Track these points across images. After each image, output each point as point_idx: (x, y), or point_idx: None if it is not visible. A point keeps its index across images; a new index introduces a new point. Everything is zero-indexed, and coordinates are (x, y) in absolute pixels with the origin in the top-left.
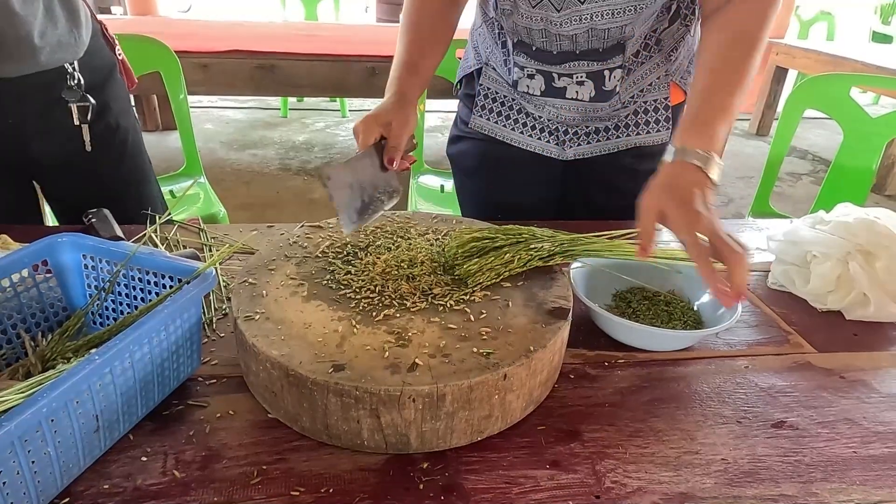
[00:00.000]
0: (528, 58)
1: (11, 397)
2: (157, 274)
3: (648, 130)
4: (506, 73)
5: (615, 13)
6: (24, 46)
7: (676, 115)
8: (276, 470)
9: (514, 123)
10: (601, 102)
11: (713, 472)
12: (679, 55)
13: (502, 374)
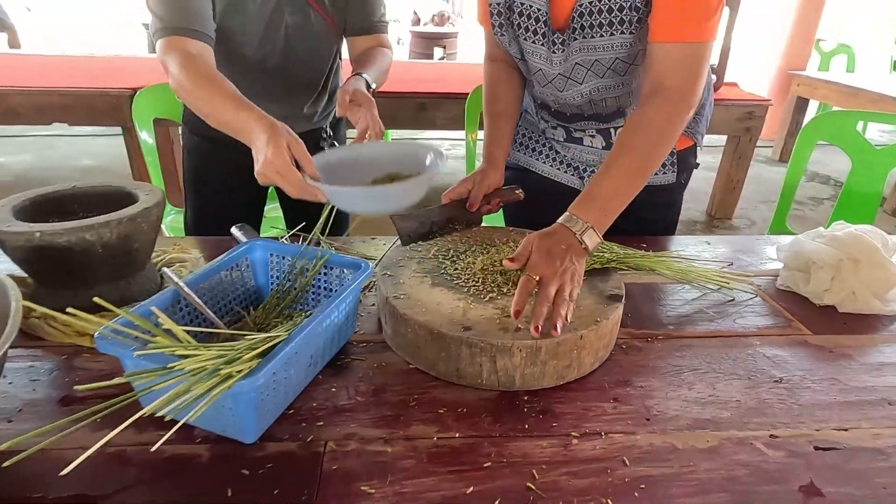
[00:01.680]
0: (549, 115)
1: (280, 335)
2: (326, 266)
3: (656, 173)
4: (537, 122)
5: (608, 89)
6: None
7: (682, 159)
8: (425, 397)
9: (544, 158)
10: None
11: (729, 409)
12: None
13: (579, 335)
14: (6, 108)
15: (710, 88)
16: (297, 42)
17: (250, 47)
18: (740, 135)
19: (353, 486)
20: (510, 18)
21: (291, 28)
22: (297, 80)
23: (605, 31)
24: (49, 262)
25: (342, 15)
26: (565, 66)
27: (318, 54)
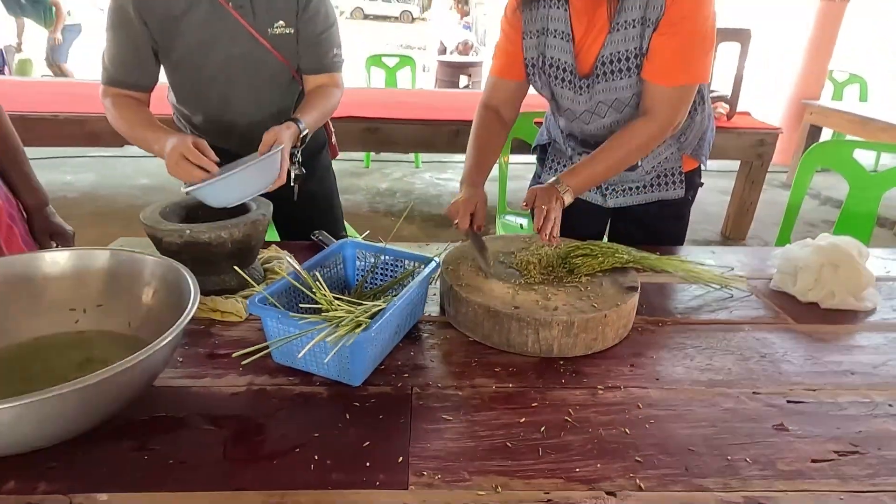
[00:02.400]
0: (576, 143)
1: (380, 304)
2: (398, 259)
3: (667, 189)
4: (564, 149)
5: (626, 120)
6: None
7: (689, 179)
8: (483, 360)
9: None
10: (629, 172)
11: (722, 374)
12: (688, 137)
13: (603, 315)
14: (89, 132)
15: (711, 117)
16: (245, 72)
17: (204, 76)
18: (752, 160)
19: (436, 415)
20: (543, 69)
21: (238, 60)
22: (255, 108)
23: (625, 74)
24: (192, 254)
25: (292, 50)
26: (590, 104)
27: (275, 91)
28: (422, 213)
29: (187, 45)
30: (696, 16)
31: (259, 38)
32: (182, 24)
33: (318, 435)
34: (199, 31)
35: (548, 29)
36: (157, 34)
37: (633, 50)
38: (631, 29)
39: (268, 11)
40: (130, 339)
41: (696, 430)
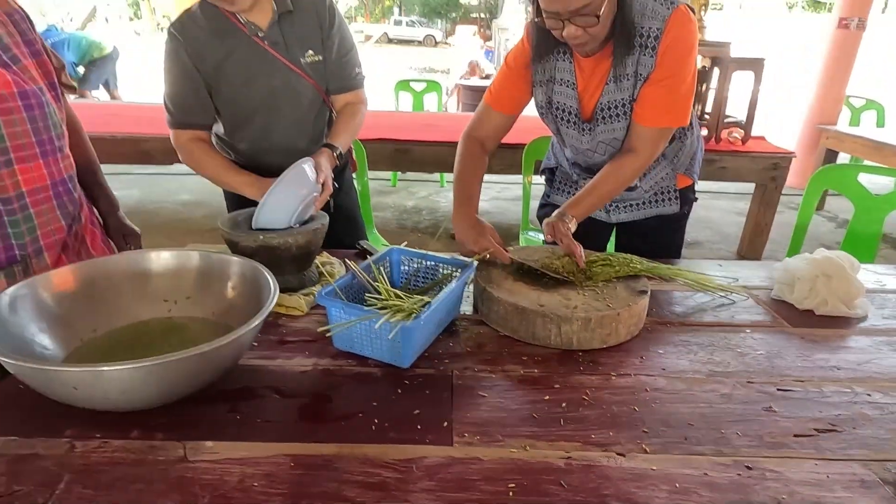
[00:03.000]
0: (580, 170)
1: (426, 298)
2: (438, 265)
3: (664, 205)
4: (570, 173)
5: None
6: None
7: (683, 195)
8: (511, 350)
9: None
10: (629, 192)
11: (720, 366)
12: (681, 157)
13: (616, 313)
14: (142, 151)
15: (699, 139)
16: (285, 100)
17: (250, 107)
18: (767, 183)
19: (473, 392)
20: (551, 111)
21: (279, 90)
22: (295, 131)
23: (621, 118)
24: (262, 257)
25: (323, 74)
26: (592, 143)
27: (311, 114)
28: (447, 230)
29: (232, 84)
30: (680, 72)
31: (294, 69)
32: (226, 65)
33: (375, 404)
34: (243, 70)
35: (555, 78)
36: (207, 77)
37: (626, 98)
38: (625, 81)
39: (298, 43)
40: (215, 325)
41: (695, 409)
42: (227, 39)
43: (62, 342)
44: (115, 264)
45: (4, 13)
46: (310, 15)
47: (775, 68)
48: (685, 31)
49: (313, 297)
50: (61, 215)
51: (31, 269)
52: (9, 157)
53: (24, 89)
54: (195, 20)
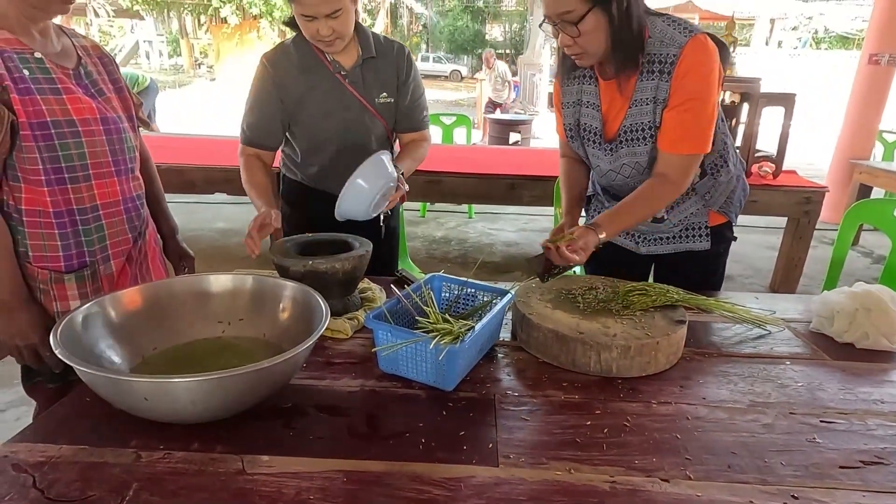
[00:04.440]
0: (609, 197)
1: (470, 323)
2: (477, 292)
3: (694, 241)
4: (604, 200)
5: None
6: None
7: (719, 233)
8: (552, 377)
9: None
10: (657, 224)
11: (762, 397)
12: (714, 194)
13: (656, 341)
14: (185, 181)
15: (740, 178)
16: (355, 133)
17: (324, 136)
18: (799, 217)
19: (516, 415)
20: (578, 132)
21: (351, 123)
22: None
23: (642, 142)
24: (310, 281)
25: (391, 115)
26: (615, 164)
27: (371, 142)
28: (475, 261)
29: (311, 114)
30: (696, 98)
31: (368, 107)
32: (308, 97)
33: (422, 425)
34: (322, 103)
35: (581, 100)
36: (290, 106)
37: (647, 122)
38: (645, 106)
39: (376, 85)
40: (266, 346)
41: (737, 438)
42: (312, 75)
43: (126, 358)
44: (178, 286)
45: (97, 56)
46: (390, 62)
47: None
48: (702, 57)
49: (357, 321)
50: (128, 229)
51: (98, 275)
52: (88, 173)
53: (106, 116)
54: (288, 54)
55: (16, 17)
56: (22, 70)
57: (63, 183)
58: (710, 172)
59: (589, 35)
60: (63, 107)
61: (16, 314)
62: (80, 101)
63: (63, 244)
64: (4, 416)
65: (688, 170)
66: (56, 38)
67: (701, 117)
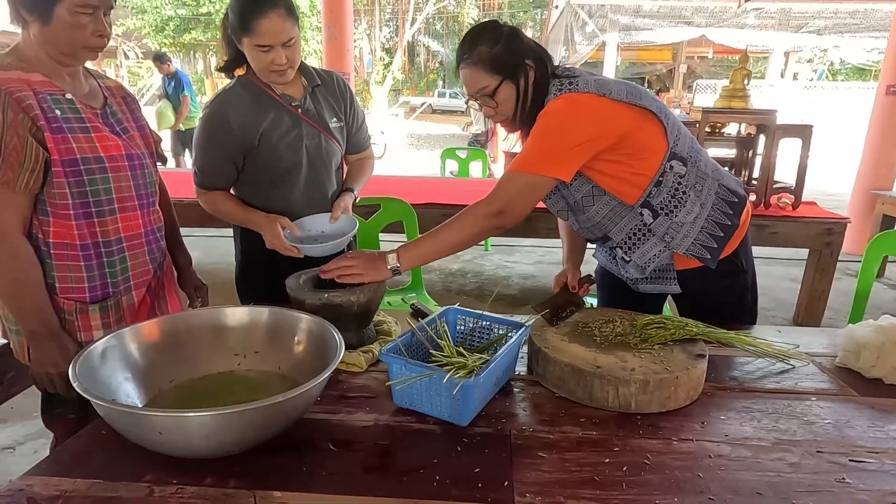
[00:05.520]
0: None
1: (485, 356)
2: (493, 325)
3: (664, 283)
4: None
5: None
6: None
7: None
8: (569, 412)
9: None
10: (626, 264)
11: (787, 434)
12: (677, 236)
13: (675, 376)
14: (205, 215)
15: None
16: (316, 159)
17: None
18: (821, 249)
19: (532, 452)
20: None
21: (312, 150)
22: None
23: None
24: (325, 314)
25: (344, 139)
26: (562, 205)
27: (334, 169)
28: (491, 293)
29: (273, 148)
30: (537, 132)
31: (324, 132)
32: (268, 132)
33: (436, 461)
34: (283, 136)
35: None
36: (247, 145)
37: None
38: None
39: (326, 112)
40: (281, 379)
41: (762, 478)
42: (267, 111)
43: (143, 391)
44: (195, 318)
45: (120, 96)
46: (332, 89)
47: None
48: (556, 106)
49: (372, 355)
50: (150, 260)
51: (121, 305)
52: (113, 207)
53: (131, 153)
54: (237, 95)
55: (49, 62)
56: (54, 110)
57: (90, 217)
58: (662, 213)
59: (503, 104)
60: (91, 144)
61: (47, 344)
62: (108, 138)
63: (88, 275)
64: (23, 448)
65: (502, 185)
66: (84, 80)
67: (532, 143)
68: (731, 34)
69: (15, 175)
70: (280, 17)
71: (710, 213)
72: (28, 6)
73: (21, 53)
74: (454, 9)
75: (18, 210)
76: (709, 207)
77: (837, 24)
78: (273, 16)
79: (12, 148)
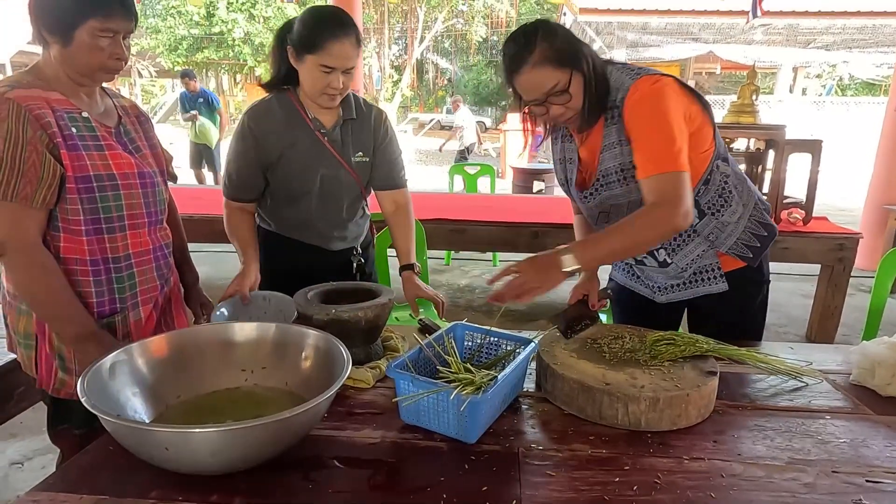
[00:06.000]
0: None
1: (493, 373)
2: (501, 341)
3: (709, 283)
4: None
5: None
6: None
7: (734, 277)
8: (578, 430)
9: (631, 278)
10: (664, 268)
11: (801, 453)
12: (721, 235)
13: (686, 393)
14: (214, 230)
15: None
16: (330, 188)
17: (301, 190)
18: (833, 264)
19: (541, 470)
20: (567, 184)
21: (327, 179)
22: (331, 214)
23: (616, 185)
24: (333, 329)
25: (366, 174)
26: (597, 208)
27: (350, 201)
28: (499, 309)
29: (290, 168)
30: (649, 125)
31: (344, 164)
32: (289, 152)
33: (443, 479)
34: (302, 158)
35: (565, 157)
36: (269, 160)
37: (617, 165)
38: (613, 150)
39: (352, 144)
40: (287, 395)
41: (777, 499)
42: (294, 131)
43: (151, 406)
44: (203, 334)
45: (134, 115)
46: (368, 124)
47: (833, 149)
48: (644, 92)
49: (379, 371)
50: (157, 276)
51: (128, 321)
52: (123, 224)
53: (143, 171)
54: (271, 110)
55: (67, 82)
56: (71, 127)
57: (100, 233)
58: (709, 212)
59: (576, 97)
60: (105, 162)
61: (90, 344)
62: (121, 156)
63: (97, 290)
64: (31, 463)
65: (673, 186)
66: (100, 99)
67: (657, 139)
68: (739, 50)
69: (33, 190)
70: (351, 44)
71: (753, 213)
72: (50, 28)
73: (41, 72)
74: (462, 27)
75: (36, 224)
76: (750, 208)
77: (846, 40)
78: (346, 41)
79: (31, 164)
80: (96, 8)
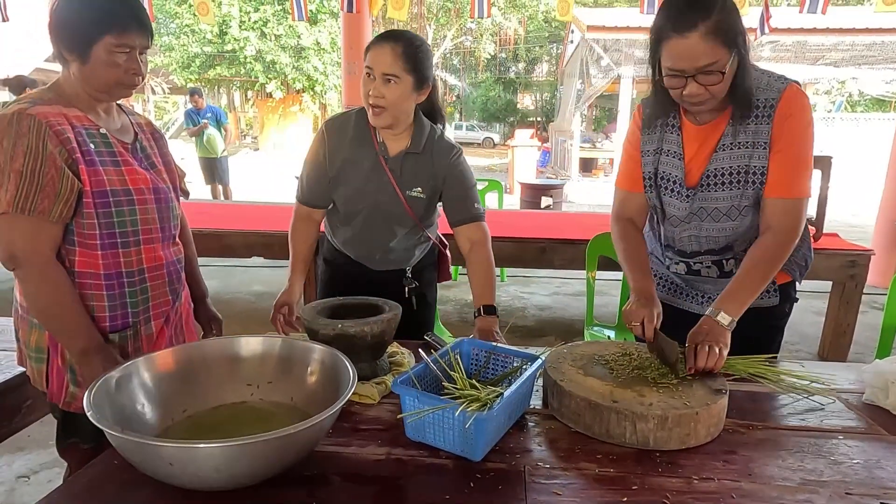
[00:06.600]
0: (673, 254)
1: (499, 389)
2: (507, 357)
3: (763, 297)
4: (662, 261)
5: (722, 230)
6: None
7: (784, 291)
8: (585, 448)
9: (668, 293)
10: (725, 279)
11: (814, 474)
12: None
13: (695, 412)
14: (224, 245)
15: (804, 239)
16: (380, 213)
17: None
18: (845, 281)
19: (548, 489)
20: (656, 181)
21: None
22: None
23: (724, 187)
24: (340, 345)
25: (420, 209)
26: (692, 211)
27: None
28: (507, 325)
29: (349, 185)
30: (802, 142)
31: (400, 196)
32: (351, 168)
33: (448, 497)
34: (360, 178)
35: (662, 149)
36: (334, 170)
37: (735, 167)
38: (737, 150)
39: (410, 178)
40: (293, 410)
41: None
42: (359, 149)
43: (156, 421)
44: (209, 348)
45: (149, 132)
46: (427, 163)
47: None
48: (802, 103)
49: (385, 386)
50: (169, 291)
51: (139, 335)
52: (138, 238)
53: (158, 186)
54: (346, 123)
55: (86, 98)
56: (89, 143)
57: (115, 247)
58: None
59: (725, 82)
60: (121, 177)
61: (96, 358)
62: (137, 172)
63: (110, 304)
64: (38, 477)
65: (799, 214)
66: (117, 116)
67: (804, 161)
68: None
69: (51, 205)
70: (392, 49)
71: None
72: (69, 46)
73: (61, 89)
74: (471, 44)
75: (52, 238)
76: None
77: (854, 56)
78: (386, 46)
79: (49, 179)
80: (112, 24)
